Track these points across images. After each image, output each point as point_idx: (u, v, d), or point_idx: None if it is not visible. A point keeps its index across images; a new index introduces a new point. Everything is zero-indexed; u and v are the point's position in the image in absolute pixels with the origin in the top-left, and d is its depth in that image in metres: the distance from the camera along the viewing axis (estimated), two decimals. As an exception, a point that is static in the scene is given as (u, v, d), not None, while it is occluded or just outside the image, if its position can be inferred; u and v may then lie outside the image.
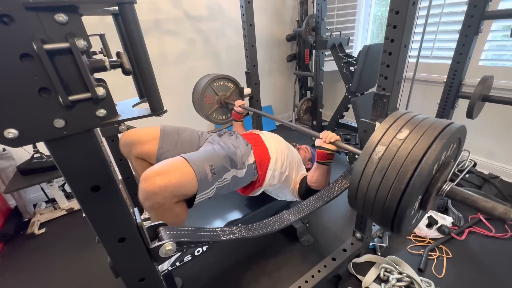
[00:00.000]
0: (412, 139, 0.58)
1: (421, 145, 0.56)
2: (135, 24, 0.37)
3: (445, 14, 1.92)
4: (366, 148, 0.64)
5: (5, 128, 0.32)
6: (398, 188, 0.56)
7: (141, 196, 0.83)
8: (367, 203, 0.64)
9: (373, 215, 0.65)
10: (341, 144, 1.00)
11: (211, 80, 1.59)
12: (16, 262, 1.54)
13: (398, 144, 0.59)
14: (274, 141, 1.29)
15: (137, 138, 1.16)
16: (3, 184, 1.79)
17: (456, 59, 1.38)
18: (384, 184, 0.59)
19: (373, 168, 0.61)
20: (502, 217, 0.52)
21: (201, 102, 1.60)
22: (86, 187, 0.40)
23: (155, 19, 2.12)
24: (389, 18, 0.79)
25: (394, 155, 0.59)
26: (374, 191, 0.61)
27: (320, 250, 1.43)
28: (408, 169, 0.55)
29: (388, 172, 0.59)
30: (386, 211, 0.60)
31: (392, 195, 0.58)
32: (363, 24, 2.54)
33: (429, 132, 0.58)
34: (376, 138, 0.64)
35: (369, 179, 0.62)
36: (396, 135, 0.61)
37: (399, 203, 0.57)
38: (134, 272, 0.52)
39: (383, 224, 0.64)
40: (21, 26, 0.30)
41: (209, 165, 0.96)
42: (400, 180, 0.56)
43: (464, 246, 1.39)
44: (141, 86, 0.48)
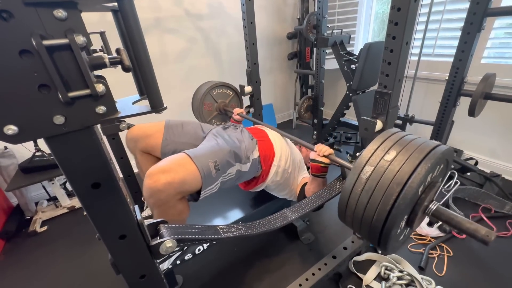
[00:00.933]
0: (398, 161, 0.60)
1: (407, 168, 0.58)
2: (135, 20, 0.36)
3: (447, 11, 1.91)
4: (355, 167, 0.66)
5: (5, 125, 0.32)
6: (384, 209, 0.58)
7: (146, 193, 0.84)
8: (355, 220, 0.66)
9: (361, 232, 0.67)
10: (334, 158, 1.01)
11: (210, 88, 1.61)
12: (18, 260, 1.55)
13: (385, 165, 0.61)
14: (278, 137, 1.29)
15: (142, 132, 1.18)
16: (5, 182, 1.79)
17: (458, 57, 1.37)
18: (371, 204, 0.61)
19: (361, 187, 0.63)
20: (484, 239, 0.54)
21: (200, 109, 1.61)
22: (86, 184, 0.40)
23: (156, 17, 2.11)
24: (391, 15, 0.78)
25: (381, 177, 0.61)
26: (362, 210, 0.63)
27: (320, 248, 1.44)
28: (393, 191, 0.57)
29: (374, 193, 0.61)
30: (373, 229, 0.62)
31: (378, 215, 0.59)
32: (365, 21, 2.52)
33: (415, 155, 0.59)
34: (364, 158, 0.66)
35: (357, 198, 0.64)
36: (383, 156, 0.63)
37: (384, 223, 0.59)
38: (135, 269, 0.52)
39: (371, 241, 0.66)
40: (20, 22, 0.30)
41: (213, 162, 0.97)
42: (386, 202, 0.58)
43: (465, 245, 1.38)
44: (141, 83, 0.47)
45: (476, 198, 1.65)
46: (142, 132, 1.18)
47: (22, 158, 1.83)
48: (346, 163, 0.94)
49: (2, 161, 1.78)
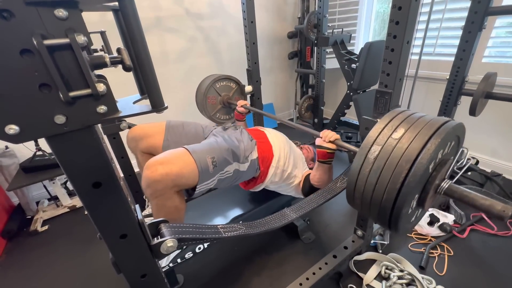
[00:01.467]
0: (407, 138, 0.58)
1: (416, 145, 0.56)
2: (135, 20, 0.36)
3: (448, 10, 1.90)
4: (362, 148, 0.64)
5: (6, 124, 0.32)
6: (393, 188, 0.56)
7: (144, 183, 0.86)
8: (364, 202, 0.64)
9: (371, 214, 0.65)
10: (340, 143, 1.00)
11: (214, 81, 1.60)
12: (20, 259, 1.55)
13: (393, 143, 0.59)
14: (277, 138, 1.29)
15: (143, 132, 1.19)
16: (6, 181, 1.80)
17: (459, 56, 1.36)
18: (380, 184, 0.59)
19: (368, 168, 0.61)
20: (501, 214, 0.52)
21: (204, 103, 1.60)
22: (87, 184, 0.40)
23: (156, 17, 2.11)
24: (392, 14, 0.78)
25: (389, 155, 0.58)
26: (370, 191, 0.61)
27: (321, 248, 1.44)
28: (402, 169, 0.55)
29: (383, 172, 0.59)
30: (383, 210, 0.60)
31: (388, 195, 0.57)
32: (365, 21, 2.52)
33: (424, 131, 0.57)
34: (371, 138, 0.64)
35: (365, 179, 0.62)
36: (391, 135, 0.61)
37: (394, 202, 0.57)
38: (136, 269, 0.53)
39: (381, 222, 0.64)
40: (21, 21, 0.30)
41: (210, 157, 0.98)
42: (395, 180, 0.56)
43: (465, 244, 1.38)
44: (141, 83, 0.47)
45: (477, 197, 1.65)
46: (143, 133, 1.19)
47: (23, 158, 1.84)
48: (353, 147, 0.92)
49: (3, 160, 1.78)
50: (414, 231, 1.48)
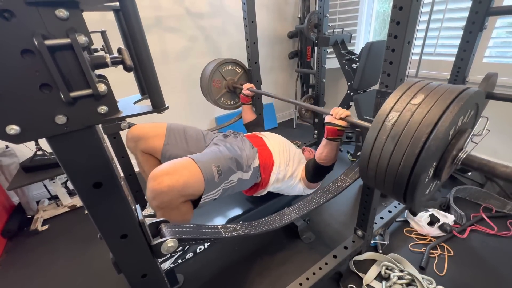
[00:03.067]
0: (427, 103, 0.56)
1: (437, 109, 0.54)
2: (136, 20, 0.36)
3: (449, 10, 1.90)
4: (379, 115, 0.62)
5: (7, 125, 0.32)
6: (412, 153, 0.54)
7: (149, 195, 0.84)
8: (379, 172, 0.62)
9: (385, 185, 0.63)
10: (351, 120, 0.98)
11: (219, 64, 1.58)
12: (20, 258, 1.55)
13: (413, 109, 0.57)
14: (276, 143, 1.29)
15: (143, 133, 1.17)
16: (7, 181, 1.80)
17: (460, 56, 1.36)
18: (398, 150, 0.57)
19: (385, 135, 0.59)
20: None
21: (209, 87, 1.59)
22: (88, 184, 0.40)
23: (156, 16, 2.11)
24: (393, 14, 0.78)
25: (408, 120, 0.57)
26: (386, 159, 0.59)
27: (321, 248, 1.44)
28: (423, 133, 0.54)
29: (401, 138, 0.57)
30: (399, 178, 0.57)
31: (406, 161, 0.55)
32: (366, 20, 2.51)
33: (445, 96, 0.56)
34: (389, 105, 0.61)
35: (382, 147, 0.59)
36: (410, 101, 0.59)
37: (412, 169, 0.55)
38: (136, 269, 0.53)
39: (396, 193, 0.62)
40: (22, 21, 0.30)
41: (215, 166, 0.97)
42: (415, 145, 0.54)
43: (466, 244, 1.38)
44: (142, 83, 0.47)
45: (477, 197, 1.65)
46: (143, 133, 1.17)
47: (23, 157, 1.84)
48: (365, 122, 0.89)
49: (3, 160, 1.79)
50: (414, 232, 1.48)
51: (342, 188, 0.95)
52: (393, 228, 1.52)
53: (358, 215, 1.24)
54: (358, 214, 1.24)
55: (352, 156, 2.24)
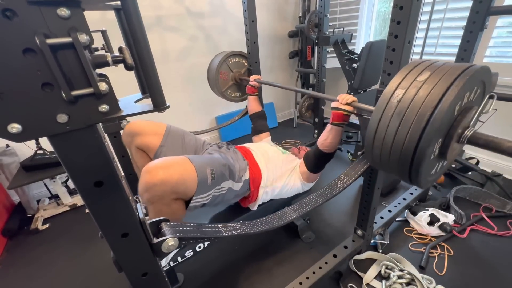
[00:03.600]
0: (433, 79, 0.57)
1: (443, 84, 0.55)
2: (137, 18, 0.36)
3: (449, 10, 1.90)
4: (384, 93, 0.63)
5: (9, 123, 0.32)
6: (418, 127, 0.55)
7: (141, 188, 0.84)
8: (384, 150, 0.63)
9: (389, 163, 0.63)
10: (358, 105, 0.99)
11: (227, 56, 1.61)
12: (21, 257, 1.56)
13: (419, 85, 0.58)
14: (263, 156, 1.28)
15: (140, 129, 1.18)
16: (7, 180, 1.80)
17: (460, 56, 1.36)
18: (403, 125, 0.58)
19: (391, 112, 0.60)
20: None
21: (216, 79, 1.61)
22: (89, 183, 0.40)
23: (157, 16, 2.11)
24: (393, 13, 0.78)
25: (413, 96, 0.58)
26: (392, 135, 0.60)
27: (321, 247, 1.44)
28: (428, 107, 0.54)
29: (407, 113, 0.57)
30: (405, 153, 0.58)
31: (411, 136, 0.56)
32: (366, 20, 2.51)
33: (451, 71, 0.57)
34: (395, 83, 0.62)
35: (387, 123, 0.61)
36: (416, 78, 0.60)
37: (418, 143, 0.56)
38: (137, 267, 0.53)
39: (401, 171, 0.63)
40: (24, 20, 0.30)
41: (210, 169, 0.99)
42: (420, 119, 0.55)
43: (465, 244, 1.38)
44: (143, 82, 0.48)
45: (477, 197, 1.65)
46: (140, 129, 1.18)
47: (24, 156, 1.84)
48: (371, 107, 0.90)
49: (4, 159, 1.79)
50: (414, 231, 1.48)
51: (342, 188, 0.95)
52: (393, 227, 1.52)
53: (358, 214, 1.24)
54: (358, 214, 1.24)
55: (352, 156, 2.24)
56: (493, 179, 1.69)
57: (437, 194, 1.75)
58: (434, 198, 1.70)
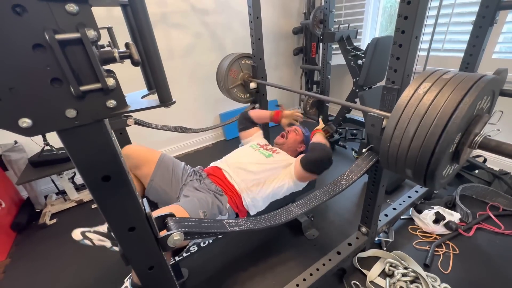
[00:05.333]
0: (448, 88, 0.63)
1: (458, 93, 0.61)
2: (144, 14, 0.37)
3: (458, 5, 1.86)
4: (401, 100, 0.69)
5: (20, 118, 0.33)
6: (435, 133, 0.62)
7: None
8: (400, 154, 0.69)
9: (405, 167, 0.69)
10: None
11: (240, 56, 1.66)
12: (29, 251, 1.59)
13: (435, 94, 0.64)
14: (238, 168, 1.25)
15: (135, 156, 1.18)
16: (16, 175, 1.84)
17: (469, 52, 1.34)
18: (420, 131, 0.64)
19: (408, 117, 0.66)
20: None
21: (226, 75, 1.65)
22: (97, 177, 0.41)
23: (162, 12, 2.11)
24: (400, 8, 0.77)
25: (430, 103, 0.64)
26: (408, 141, 0.66)
27: (325, 244, 1.44)
28: (446, 114, 0.61)
29: (424, 119, 0.63)
30: (421, 159, 0.64)
31: (428, 141, 0.62)
32: (372, 16, 2.48)
33: (466, 81, 0.63)
34: (411, 90, 0.68)
35: (404, 129, 0.67)
36: (431, 86, 0.67)
37: (435, 148, 0.61)
38: (144, 261, 0.54)
39: (416, 175, 0.69)
40: (33, 16, 0.30)
41: (202, 212, 1.01)
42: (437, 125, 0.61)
43: (471, 243, 1.37)
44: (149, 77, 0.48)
45: (484, 196, 1.63)
46: (135, 156, 1.18)
47: (31, 152, 1.87)
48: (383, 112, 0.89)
49: (12, 155, 1.82)
50: (419, 229, 1.47)
51: (346, 185, 0.95)
52: (397, 225, 1.52)
53: (363, 211, 1.23)
54: (362, 211, 1.24)
55: (357, 154, 2.23)
56: (501, 178, 1.67)
57: (442, 192, 1.73)
58: (439, 196, 1.69)
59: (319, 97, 1.25)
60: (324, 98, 1.27)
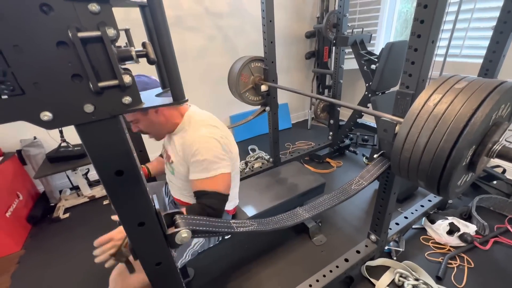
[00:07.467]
0: (466, 93, 0.60)
1: (476, 98, 0.58)
2: (162, 15, 0.38)
3: (477, 9, 1.81)
4: (415, 105, 0.67)
5: (41, 111, 0.34)
6: (450, 139, 0.58)
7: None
8: (413, 161, 0.66)
9: (418, 174, 0.67)
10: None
11: (250, 60, 1.66)
12: (43, 244, 1.65)
13: (451, 99, 0.62)
14: (176, 187, 1.08)
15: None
16: (33, 170, 1.91)
17: (489, 58, 1.29)
18: (434, 138, 0.61)
19: (422, 123, 0.64)
20: None
21: (237, 80, 1.66)
22: (110, 171, 0.42)
23: (177, 15, 2.16)
24: (417, 12, 0.76)
25: (446, 109, 0.61)
26: (422, 147, 0.63)
27: (332, 251, 1.41)
28: (461, 120, 0.58)
29: (439, 125, 0.61)
30: (434, 166, 0.61)
31: (442, 148, 0.59)
32: (387, 20, 2.45)
33: (484, 87, 0.60)
34: (426, 95, 0.66)
35: (417, 135, 0.64)
36: (447, 91, 0.64)
37: (449, 155, 0.59)
38: (152, 256, 0.54)
39: (429, 183, 0.66)
40: (59, 15, 0.32)
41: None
42: (452, 132, 0.58)
43: (488, 256, 1.31)
44: (164, 76, 0.49)
45: (502, 208, 1.56)
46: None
47: (49, 148, 1.95)
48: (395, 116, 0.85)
49: (31, 150, 1.90)
50: (431, 240, 1.42)
51: (356, 190, 0.93)
52: (409, 235, 1.47)
53: (372, 219, 1.21)
54: (372, 218, 1.21)
55: (368, 160, 2.18)
56: (521, 190, 1.59)
57: (457, 202, 1.67)
58: (454, 206, 1.62)
59: (331, 100, 1.23)
60: (335, 102, 1.25)
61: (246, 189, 1.54)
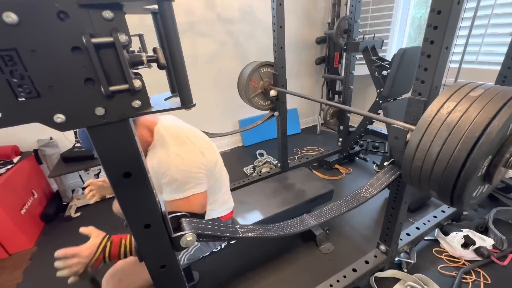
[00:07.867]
0: (482, 101, 0.58)
1: (493, 106, 0.56)
2: (172, 21, 0.39)
3: (494, 15, 1.76)
4: (428, 112, 0.64)
5: (55, 113, 0.35)
6: (464, 149, 0.56)
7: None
8: (424, 170, 0.64)
9: (430, 184, 0.65)
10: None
11: (260, 65, 1.67)
12: (55, 240, 1.69)
13: (466, 106, 0.59)
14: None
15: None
16: (48, 169, 1.98)
17: (507, 64, 1.25)
18: (447, 146, 0.59)
19: (435, 131, 0.62)
20: None
21: (247, 85, 1.67)
22: (119, 173, 0.43)
23: (189, 22, 2.22)
24: (430, 18, 0.74)
25: (461, 116, 0.58)
26: (434, 156, 0.61)
27: (340, 260, 1.38)
28: (477, 129, 0.55)
29: (453, 133, 0.58)
30: (447, 176, 0.59)
31: (457, 157, 0.57)
32: (400, 26, 2.41)
33: (501, 95, 0.57)
34: (439, 102, 0.64)
35: (430, 143, 0.62)
36: (462, 99, 0.61)
37: (463, 165, 0.56)
38: (157, 258, 0.55)
39: (442, 193, 0.63)
40: (74, 21, 0.33)
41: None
42: (467, 141, 0.56)
43: (506, 272, 1.24)
44: (173, 81, 0.50)
45: (522, 222, 1.48)
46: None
47: (64, 148, 2.02)
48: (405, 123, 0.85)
49: (47, 150, 1.97)
50: (445, 252, 1.36)
51: (365, 198, 0.91)
52: (421, 246, 1.42)
53: (382, 229, 1.17)
54: (382, 228, 1.17)
55: (378, 167, 2.14)
56: (543, 203, 1.51)
57: (473, 214, 1.60)
58: (469, 218, 1.56)
59: (341, 106, 1.22)
60: (345, 108, 1.24)
61: (253, 194, 1.53)
